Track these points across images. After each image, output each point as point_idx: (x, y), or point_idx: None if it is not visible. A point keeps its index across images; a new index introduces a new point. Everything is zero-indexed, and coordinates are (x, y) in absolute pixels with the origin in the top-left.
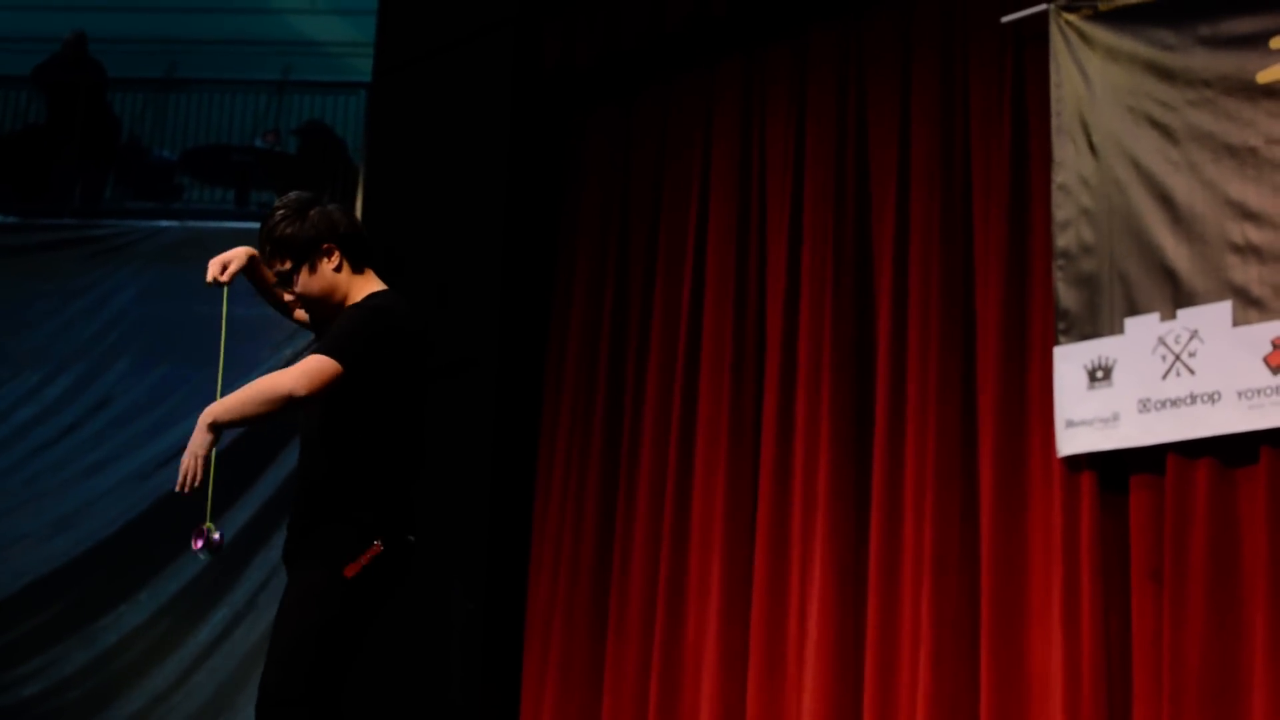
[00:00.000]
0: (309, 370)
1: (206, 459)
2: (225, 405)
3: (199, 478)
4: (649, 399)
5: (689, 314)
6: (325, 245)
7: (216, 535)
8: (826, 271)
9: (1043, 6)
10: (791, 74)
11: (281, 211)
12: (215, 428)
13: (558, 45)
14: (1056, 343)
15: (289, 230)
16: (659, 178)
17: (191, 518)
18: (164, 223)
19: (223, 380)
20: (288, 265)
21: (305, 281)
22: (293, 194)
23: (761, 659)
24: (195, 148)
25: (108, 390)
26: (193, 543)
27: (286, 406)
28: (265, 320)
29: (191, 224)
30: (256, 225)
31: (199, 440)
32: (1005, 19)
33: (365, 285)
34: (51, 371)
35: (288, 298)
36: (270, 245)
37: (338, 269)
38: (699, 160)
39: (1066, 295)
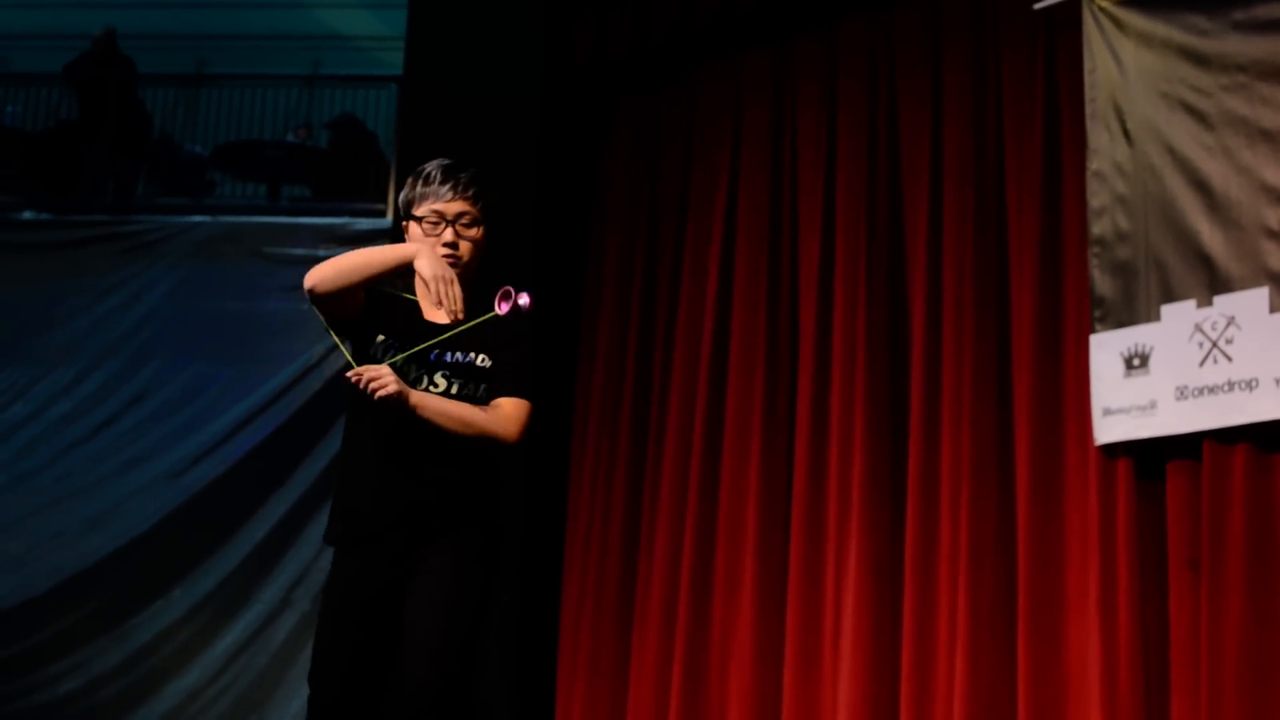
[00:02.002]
0: (524, 419)
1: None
2: (429, 401)
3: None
4: (677, 394)
5: (717, 307)
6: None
7: (524, 299)
8: (859, 262)
9: None
10: (821, 65)
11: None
12: (406, 403)
13: (588, 38)
14: (1093, 330)
15: (493, 193)
16: (688, 172)
17: (226, 517)
18: (196, 218)
19: (255, 377)
20: (480, 214)
21: (478, 244)
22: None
23: (797, 652)
24: (227, 143)
25: (141, 387)
26: (498, 306)
27: (486, 441)
28: (298, 315)
29: (224, 219)
30: (289, 220)
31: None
32: (1037, 5)
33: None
34: (84, 368)
35: None
36: (479, 189)
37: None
38: (728, 153)
39: (1102, 283)
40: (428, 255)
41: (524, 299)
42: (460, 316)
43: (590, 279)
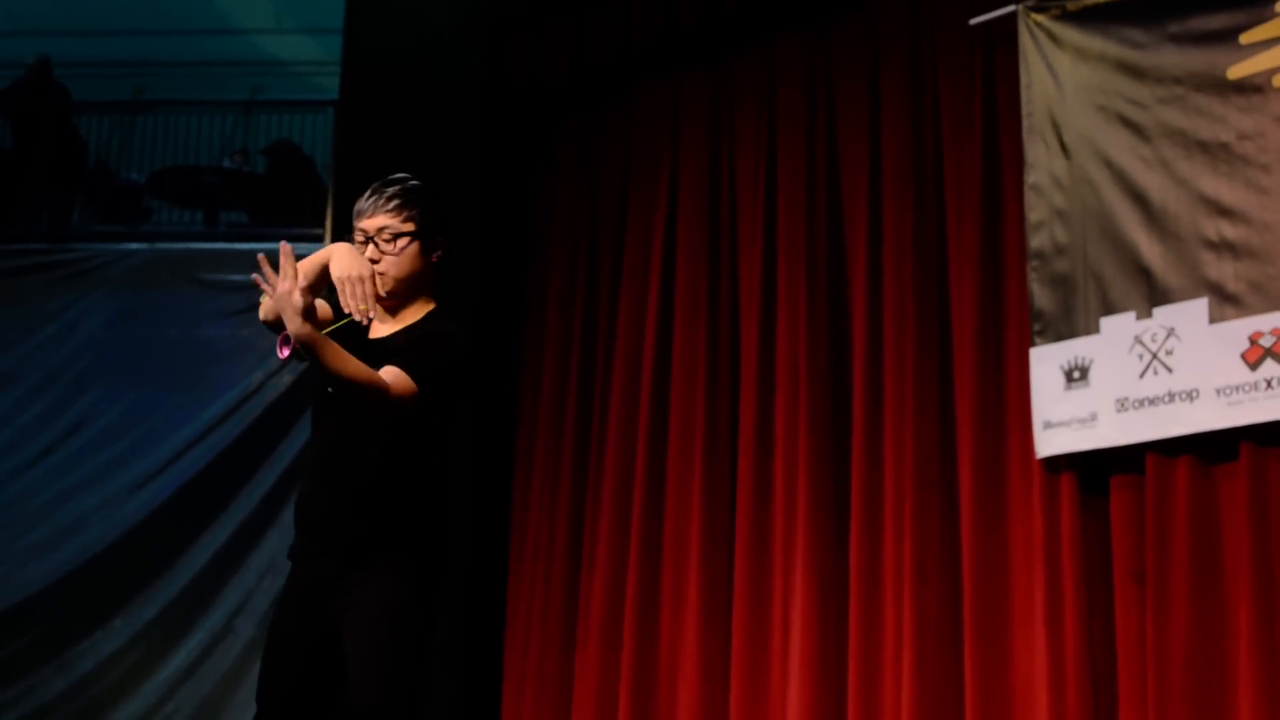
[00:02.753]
0: (402, 386)
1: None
2: (328, 346)
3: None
4: (617, 411)
5: (659, 325)
6: (442, 239)
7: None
8: (800, 278)
9: (1011, 8)
10: (760, 82)
11: (419, 183)
12: (308, 334)
13: (525, 59)
14: (1032, 344)
15: (431, 204)
16: (628, 188)
17: (167, 544)
18: (133, 245)
19: (196, 404)
20: (408, 227)
21: (406, 256)
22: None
23: (744, 669)
24: (163, 169)
25: (79, 415)
26: (279, 350)
27: (375, 402)
28: (237, 341)
29: (160, 246)
30: (226, 246)
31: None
32: (973, 21)
33: (429, 297)
34: (22, 398)
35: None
36: (403, 200)
37: (432, 267)
38: (667, 171)
39: (1041, 296)
40: (341, 254)
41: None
42: (370, 316)
43: (532, 299)
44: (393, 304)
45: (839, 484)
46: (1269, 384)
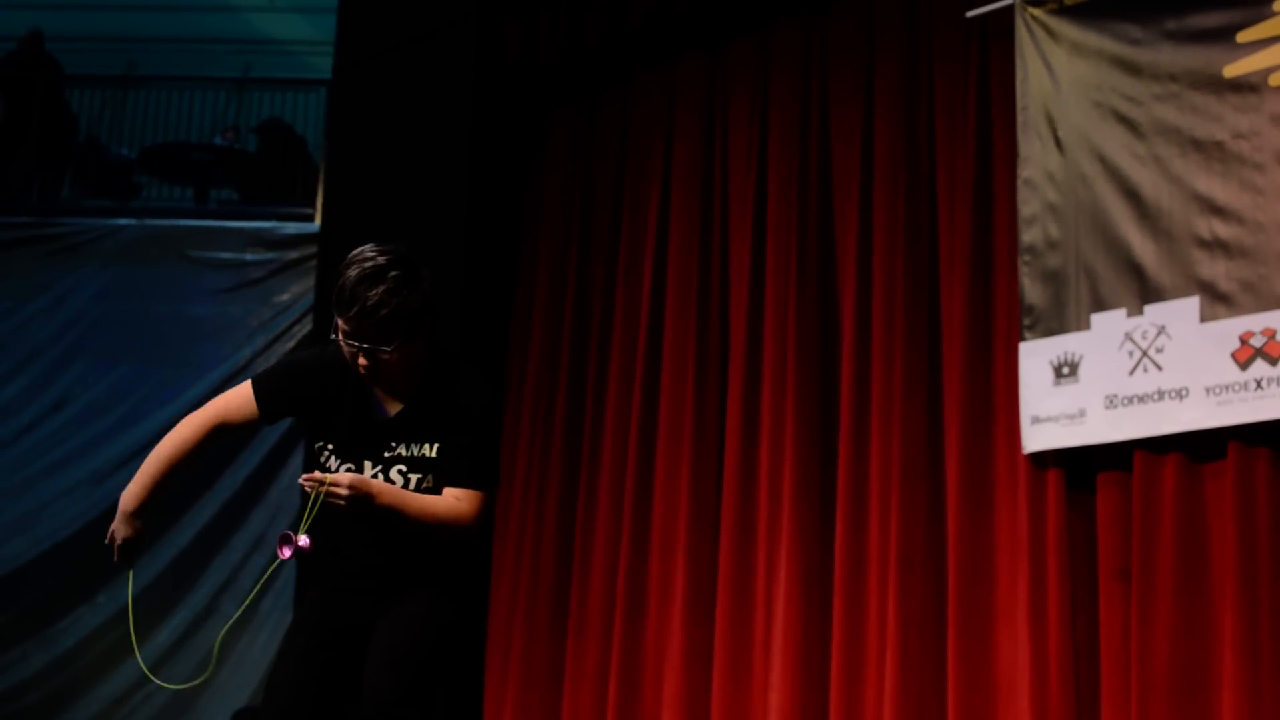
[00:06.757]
0: (479, 509)
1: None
2: (395, 494)
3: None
4: (610, 398)
5: (650, 312)
6: (431, 320)
7: (303, 540)
8: (790, 268)
9: (1008, 1)
10: (754, 70)
11: (395, 275)
12: (372, 501)
13: (519, 41)
14: (1022, 339)
15: (413, 299)
16: (621, 175)
17: (152, 521)
18: (122, 221)
19: (182, 381)
20: (399, 337)
21: (402, 354)
22: (382, 249)
23: (727, 658)
24: (154, 145)
25: (66, 390)
26: (280, 551)
27: (453, 532)
28: (225, 319)
29: (150, 222)
30: (216, 223)
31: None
32: (970, 14)
33: (432, 350)
34: (8, 371)
35: None
36: (389, 324)
37: (430, 335)
38: (660, 158)
39: (1032, 291)
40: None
41: (303, 540)
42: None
43: (523, 284)
44: (390, 386)
45: (825, 475)
46: (1259, 384)
